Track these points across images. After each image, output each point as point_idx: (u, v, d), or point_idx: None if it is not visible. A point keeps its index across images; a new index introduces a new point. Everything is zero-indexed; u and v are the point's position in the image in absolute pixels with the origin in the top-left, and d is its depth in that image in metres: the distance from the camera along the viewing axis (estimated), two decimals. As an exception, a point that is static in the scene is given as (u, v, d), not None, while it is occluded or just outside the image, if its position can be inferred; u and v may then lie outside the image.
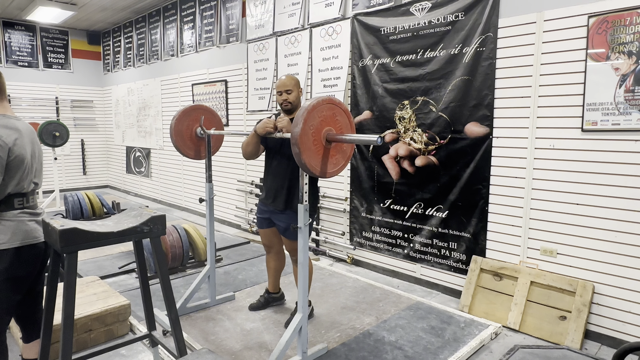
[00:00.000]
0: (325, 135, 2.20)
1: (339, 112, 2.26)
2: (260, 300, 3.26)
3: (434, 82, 3.53)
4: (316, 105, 2.14)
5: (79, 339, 2.66)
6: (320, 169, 2.21)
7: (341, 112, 2.28)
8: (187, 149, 3.13)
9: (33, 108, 8.29)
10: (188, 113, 3.09)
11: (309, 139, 2.13)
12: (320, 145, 2.19)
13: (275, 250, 3.12)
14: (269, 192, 2.91)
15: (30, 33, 8.16)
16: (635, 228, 2.64)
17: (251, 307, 3.24)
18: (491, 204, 3.28)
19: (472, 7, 3.26)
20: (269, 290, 3.27)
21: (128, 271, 4.08)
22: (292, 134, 2.10)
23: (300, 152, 2.09)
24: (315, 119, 2.14)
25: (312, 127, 2.13)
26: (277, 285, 3.27)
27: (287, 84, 2.77)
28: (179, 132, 3.06)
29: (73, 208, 5.66)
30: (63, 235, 1.67)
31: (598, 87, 2.70)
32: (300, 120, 2.07)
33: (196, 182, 6.61)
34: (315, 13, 4.44)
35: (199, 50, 6.18)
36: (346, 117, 2.29)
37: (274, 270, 3.19)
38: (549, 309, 2.91)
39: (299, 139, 2.07)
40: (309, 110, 2.11)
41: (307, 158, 2.12)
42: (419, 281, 3.82)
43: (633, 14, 2.55)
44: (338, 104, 2.25)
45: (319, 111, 2.16)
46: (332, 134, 2.21)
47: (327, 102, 2.20)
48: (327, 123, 2.20)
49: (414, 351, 2.67)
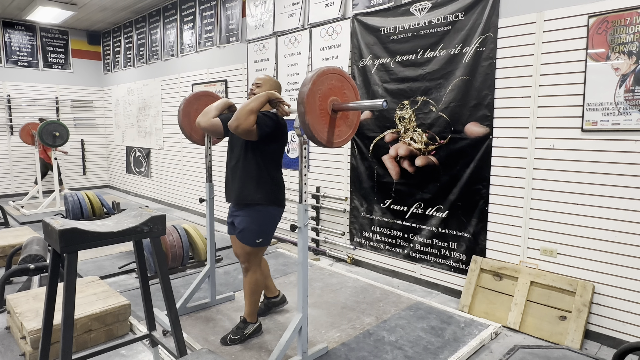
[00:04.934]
0: (331, 104, 2.18)
1: (347, 87, 2.26)
2: (261, 307, 3.07)
3: (434, 82, 3.53)
4: (327, 71, 2.13)
5: (79, 339, 2.66)
6: (327, 138, 2.18)
7: (349, 87, 2.27)
8: (193, 132, 3.02)
9: (33, 108, 8.29)
10: (199, 97, 3.02)
11: (315, 102, 2.09)
12: (325, 113, 2.16)
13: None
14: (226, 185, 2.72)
15: (30, 33, 8.16)
16: (635, 228, 2.64)
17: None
18: (491, 204, 3.28)
19: (472, 7, 3.26)
20: (266, 295, 3.12)
21: (128, 271, 4.08)
22: (299, 93, 2.05)
23: (305, 111, 2.04)
24: (324, 84, 2.13)
25: (320, 92, 2.11)
26: (273, 288, 3.13)
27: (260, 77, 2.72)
28: (187, 114, 2.96)
29: (73, 208, 5.67)
30: (63, 235, 1.67)
31: (598, 87, 2.70)
32: (310, 81, 2.04)
33: (196, 182, 6.61)
34: (315, 13, 4.44)
35: (199, 50, 6.18)
36: (353, 93, 2.29)
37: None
38: (549, 309, 2.91)
39: (306, 98, 2.03)
40: (319, 74, 2.09)
41: (311, 119, 2.07)
42: (419, 281, 3.81)
43: (633, 14, 2.55)
44: (347, 78, 2.26)
45: (329, 78, 2.15)
46: (337, 103, 2.19)
47: (337, 73, 2.19)
48: (334, 93, 2.18)
49: (414, 351, 2.67)
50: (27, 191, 7.92)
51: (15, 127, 8.04)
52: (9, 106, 8.00)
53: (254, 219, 2.60)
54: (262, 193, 2.57)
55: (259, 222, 2.60)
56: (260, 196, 2.57)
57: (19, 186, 8.26)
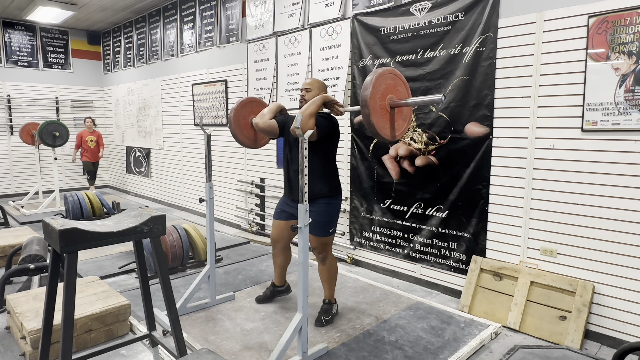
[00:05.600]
0: (389, 101, 2.39)
1: (399, 83, 2.47)
2: (267, 293, 3.36)
3: (434, 82, 3.53)
4: (383, 73, 2.35)
5: (79, 339, 2.65)
6: (390, 133, 2.42)
7: (401, 83, 2.49)
8: (243, 137, 3.17)
9: (33, 108, 8.29)
10: (245, 105, 3.16)
11: (376, 103, 2.31)
12: (385, 111, 2.39)
13: (281, 246, 3.19)
14: (289, 184, 2.98)
15: (30, 33, 8.16)
16: (635, 228, 2.64)
17: (258, 299, 3.35)
18: (491, 204, 3.28)
19: (472, 7, 3.26)
20: (275, 283, 3.36)
21: (128, 271, 4.08)
22: (361, 97, 2.27)
23: (370, 113, 2.26)
24: (382, 86, 2.34)
25: (379, 93, 2.33)
26: (283, 279, 3.36)
27: (307, 82, 2.93)
28: (237, 121, 3.12)
29: (73, 208, 5.67)
30: (63, 235, 1.67)
31: (598, 87, 2.70)
32: (370, 85, 2.26)
33: (196, 182, 6.61)
34: (315, 13, 4.44)
35: (199, 50, 6.18)
36: (405, 88, 2.51)
37: (280, 265, 3.29)
38: (549, 309, 2.91)
39: (369, 100, 2.25)
40: (377, 77, 2.29)
41: (375, 119, 2.29)
42: (419, 281, 3.81)
43: (633, 14, 2.55)
44: (399, 75, 2.48)
45: (385, 79, 2.36)
46: (394, 100, 2.40)
47: (390, 72, 2.41)
48: (390, 91, 2.40)
49: (414, 351, 2.67)
50: (27, 191, 7.92)
51: (15, 127, 8.04)
52: (9, 106, 8.01)
53: (325, 213, 2.85)
54: (329, 186, 2.86)
55: (329, 215, 2.87)
56: (328, 189, 2.85)
57: (19, 186, 8.26)
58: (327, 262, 2.97)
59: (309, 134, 2.31)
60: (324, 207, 2.84)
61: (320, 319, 2.97)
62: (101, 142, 7.85)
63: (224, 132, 5.80)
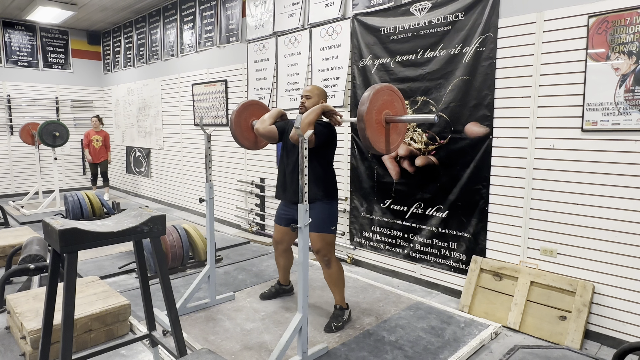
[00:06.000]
0: (385, 117, 2.47)
1: (395, 99, 2.54)
2: (272, 290, 3.44)
3: (434, 82, 3.53)
4: (380, 89, 2.43)
5: (79, 339, 2.66)
6: (384, 147, 2.50)
7: (398, 99, 2.56)
8: (244, 139, 3.24)
9: (33, 108, 8.29)
10: (246, 107, 3.21)
11: (372, 118, 2.39)
12: (381, 126, 2.46)
13: (282, 248, 3.24)
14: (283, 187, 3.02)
15: (30, 33, 8.16)
16: (635, 228, 2.64)
17: (262, 296, 3.42)
18: (491, 204, 3.28)
19: (472, 7, 3.26)
20: (280, 282, 3.45)
21: (128, 271, 4.08)
22: (358, 111, 2.34)
23: (366, 127, 2.34)
24: (378, 101, 2.41)
25: (375, 108, 2.40)
26: (287, 279, 3.45)
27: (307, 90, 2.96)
28: (238, 124, 3.18)
29: (73, 208, 5.67)
30: (63, 235, 1.67)
31: (598, 87, 2.70)
32: (367, 100, 2.34)
33: (196, 182, 6.61)
34: (315, 13, 4.44)
35: (199, 50, 6.18)
36: (401, 104, 2.57)
37: (282, 267, 3.36)
38: (549, 309, 2.91)
39: (365, 116, 2.33)
40: (374, 93, 2.36)
41: (370, 134, 2.37)
42: (419, 281, 3.81)
43: (633, 14, 2.55)
44: (396, 91, 2.55)
45: (382, 95, 2.43)
46: (390, 115, 2.47)
47: (387, 88, 2.49)
48: (386, 106, 2.48)
49: (414, 351, 2.67)
50: (27, 191, 7.93)
51: (15, 127, 8.04)
52: (9, 106, 8.01)
53: (325, 210, 2.90)
54: (323, 191, 2.90)
55: (329, 212, 2.92)
56: (322, 193, 2.90)
57: (19, 186, 8.26)
58: (332, 265, 2.95)
59: (309, 134, 2.34)
60: (320, 206, 2.87)
61: (330, 324, 2.94)
62: (107, 143, 7.56)
63: (224, 132, 5.80)
